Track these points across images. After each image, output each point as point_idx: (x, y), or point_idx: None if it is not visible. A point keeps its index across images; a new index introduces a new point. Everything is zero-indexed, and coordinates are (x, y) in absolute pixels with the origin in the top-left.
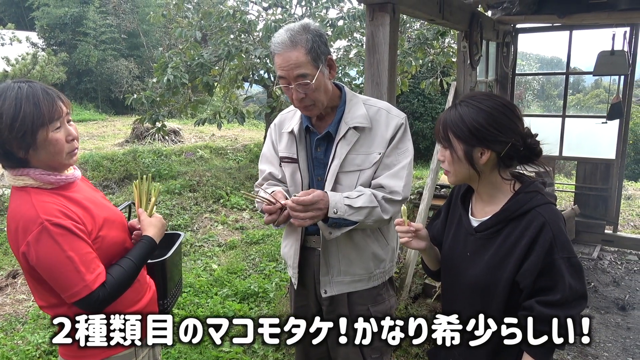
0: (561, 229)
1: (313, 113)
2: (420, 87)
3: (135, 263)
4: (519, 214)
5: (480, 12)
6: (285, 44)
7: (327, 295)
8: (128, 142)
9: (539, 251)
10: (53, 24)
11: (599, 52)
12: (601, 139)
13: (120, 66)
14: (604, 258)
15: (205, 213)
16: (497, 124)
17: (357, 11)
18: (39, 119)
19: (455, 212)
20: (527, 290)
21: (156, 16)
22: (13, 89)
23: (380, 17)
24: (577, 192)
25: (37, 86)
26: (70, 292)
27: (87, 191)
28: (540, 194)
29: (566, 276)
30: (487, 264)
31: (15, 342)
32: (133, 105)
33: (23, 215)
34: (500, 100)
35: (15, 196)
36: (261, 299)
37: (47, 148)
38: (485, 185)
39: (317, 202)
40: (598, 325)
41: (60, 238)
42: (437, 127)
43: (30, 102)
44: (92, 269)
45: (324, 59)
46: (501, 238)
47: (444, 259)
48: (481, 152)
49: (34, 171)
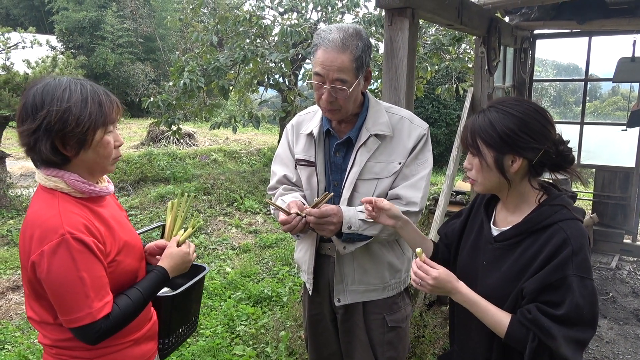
0: (582, 247)
1: (335, 117)
2: (435, 93)
3: (143, 295)
4: (541, 227)
5: (499, 17)
6: (336, 44)
7: (340, 304)
8: (144, 144)
9: (554, 264)
10: (72, 27)
11: (619, 58)
12: (620, 146)
13: (136, 69)
14: (622, 268)
15: (219, 216)
16: (530, 129)
17: (372, 16)
18: (101, 118)
19: (476, 219)
20: (530, 297)
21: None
22: (76, 84)
23: (400, 21)
24: (595, 201)
25: (99, 87)
26: (72, 316)
27: (114, 208)
28: (565, 208)
29: (576, 295)
30: (504, 275)
31: (31, 341)
32: (149, 108)
33: (44, 221)
34: (531, 105)
35: (41, 197)
36: (274, 303)
37: (98, 150)
38: (513, 195)
39: (329, 216)
40: (617, 336)
41: (78, 255)
42: (464, 134)
43: (95, 101)
44: (101, 296)
45: (364, 70)
46: (520, 250)
47: (461, 265)
48: (512, 159)
49: (69, 175)
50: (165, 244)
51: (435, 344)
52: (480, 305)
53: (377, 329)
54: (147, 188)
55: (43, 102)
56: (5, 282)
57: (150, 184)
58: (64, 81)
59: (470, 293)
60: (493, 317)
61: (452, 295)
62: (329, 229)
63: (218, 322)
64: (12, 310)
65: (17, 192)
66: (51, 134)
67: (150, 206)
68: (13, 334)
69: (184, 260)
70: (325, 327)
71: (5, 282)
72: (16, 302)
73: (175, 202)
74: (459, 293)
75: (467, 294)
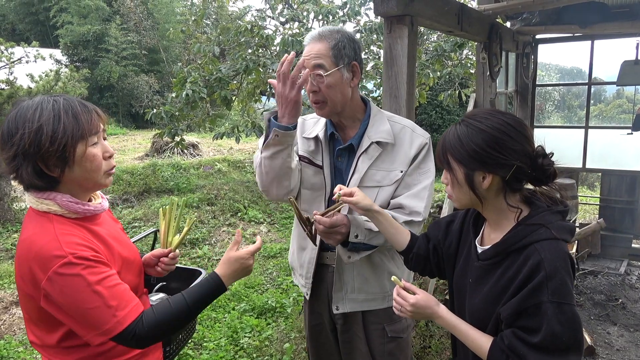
0: (557, 270)
1: (324, 112)
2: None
3: (187, 302)
4: (516, 247)
5: (500, 23)
6: (313, 37)
7: (339, 312)
8: (148, 155)
9: (528, 289)
10: (76, 41)
11: (622, 61)
12: (626, 150)
13: (140, 81)
14: (631, 273)
15: (222, 226)
16: (499, 145)
17: (374, 24)
18: (78, 131)
19: (467, 235)
20: (507, 322)
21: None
22: (49, 101)
23: (399, 29)
24: (602, 205)
25: (73, 99)
26: (100, 330)
27: (110, 225)
28: (544, 227)
29: (552, 322)
30: (485, 296)
31: (34, 357)
32: (153, 119)
33: (43, 246)
34: (503, 118)
35: (34, 222)
36: (279, 314)
37: (84, 165)
38: (490, 211)
39: (338, 226)
40: (627, 344)
41: (86, 271)
42: (437, 149)
43: (69, 114)
44: (124, 302)
45: (347, 61)
46: (500, 271)
47: (455, 281)
48: (483, 176)
49: (61, 197)
50: (161, 253)
51: (442, 354)
52: (461, 330)
53: (377, 339)
54: (150, 199)
55: (17, 126)
56: (9, 296)
57: (154, 195)
58: (37, 101)
59: (451, 317)
60: (474, 341)
61: (434, 320)
62: (336, 239)
63: (222, 335)
64: (15, 325)
65: (21, 206)
66: (29, 158)
67: (154, 217)
68: (16, 349)
69: (243, 265)
70: (327, 338)
71: (9, 297)
72: (19, 317)
73: (168, 207)
74: (440, 317)
75: (448, 319)
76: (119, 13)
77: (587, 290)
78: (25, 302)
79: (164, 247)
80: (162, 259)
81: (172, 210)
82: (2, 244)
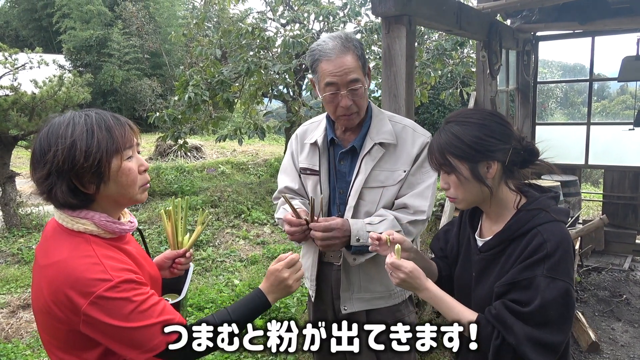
0: (558, 249)
1: (354, 122)
2: (440, 98)
3: (230, 316)
4: (520, 233)
5: (499, 21)
6: (338, 49)
7: (346, 312)
8: (152, 159)
9: (524, 264)
10: (79, 46)
11: (623, 57)
12: (629, 146)
13: (143, 85)
14: (636, 269)
15: (226, 228)
16: (493, 132)
17: (374, 24)
18: (112, 145)
19: (465, 232)
20: (498, 294)
21: (177, 36)
22: (80, 116)
23: (397, 29)
24: (605, 201)
25: (106, 113)
26: (146, 347)
27: (134, 242)
28: (544, 211)
29: (545, 295)
30: (491, 285)
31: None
32: (156, 123)
33: (84, 271)
34: (486, 111)
35: (68, 243)
36: (283, 315)
37: (119, 180)
38: (494, 204)
39: (333, 230)
40: (632, 339)
41: (131, 293)
42: (431, 155)
43: (102, 129)
44: (168, 319)
45: (366, 67)
46: (504, 258)
47: (456, 278)
48: (487, 165)
49: (99, 216)
50: (176, 254)
51: (445, 352)
52: (446, 302)
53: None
54: (155, 202)
55: (49, 144)
56: (16, 300)
57: (158, 198)
58: (68, 116)
59: (438, 290)
60: (458, 314)
61: (420, 292)
62: (335, 244)
63: None
64: (22, 329)
65: (27, 211)
66: (64, 175)
67: (158, 220)
68: (23, 353)
69: (278, 279)
70: None
71: (16, 301)
72: (26, 320)
73: (170, 209)
74: (427, 289)
75: (434, 291)
76: (121, 18)
77: (591, 286)
78: (50, 326)
79: (174, 248)
80: (178, 260)
81: (177, 212)
82: (8, 249)
